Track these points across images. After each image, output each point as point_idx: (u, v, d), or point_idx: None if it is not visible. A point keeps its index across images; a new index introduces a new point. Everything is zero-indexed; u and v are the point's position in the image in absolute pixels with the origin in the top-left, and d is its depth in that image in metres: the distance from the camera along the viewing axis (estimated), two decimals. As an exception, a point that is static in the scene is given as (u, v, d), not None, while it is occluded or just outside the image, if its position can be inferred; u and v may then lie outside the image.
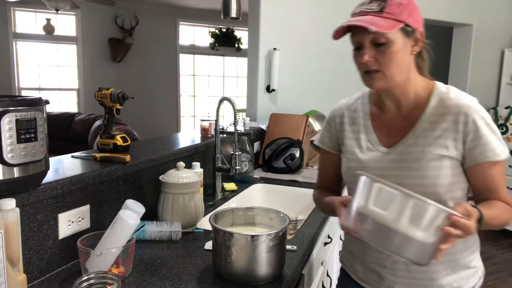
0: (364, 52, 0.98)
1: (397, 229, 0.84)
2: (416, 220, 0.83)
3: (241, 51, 6.98)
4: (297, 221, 1.84)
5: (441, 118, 1.02)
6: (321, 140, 1.24)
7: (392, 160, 1.05)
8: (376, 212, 0.86)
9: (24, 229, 1.03)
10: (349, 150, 1.13)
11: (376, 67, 0.98)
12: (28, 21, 5.83)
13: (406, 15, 0.97)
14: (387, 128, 1.09)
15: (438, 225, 0.83)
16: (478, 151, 0.99)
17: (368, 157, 1.08)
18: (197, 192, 1.47)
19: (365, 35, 0.97)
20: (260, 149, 2.65)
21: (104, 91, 1.48)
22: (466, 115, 1.00)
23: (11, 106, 0.93)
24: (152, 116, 6.48)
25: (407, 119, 1.06)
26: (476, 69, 4.02)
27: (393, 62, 0.98)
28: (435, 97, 1.05)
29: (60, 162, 1.35)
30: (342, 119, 1.18)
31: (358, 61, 1.02)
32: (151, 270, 1.16)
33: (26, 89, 5.89)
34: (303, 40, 3.12)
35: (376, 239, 0.88)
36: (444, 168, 1.00)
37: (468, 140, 0.99)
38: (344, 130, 1.17)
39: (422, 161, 1.00)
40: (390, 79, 1.00)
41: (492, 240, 4.01)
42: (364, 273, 1.16)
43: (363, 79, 1.04)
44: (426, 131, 1.02)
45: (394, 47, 0.97)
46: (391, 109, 1.09)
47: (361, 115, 1.14)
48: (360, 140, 1.12)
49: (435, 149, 1.00)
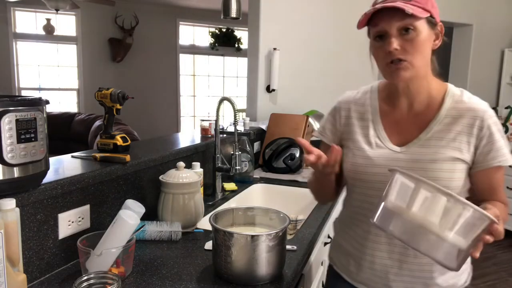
0: (392, 40, 0.94)
1: (431, 229, 0.81)
2: (453, 222, 0.80)
3: (241, 51, 6.98)
4: (297, 221, 1.84)
5: (455, 121, 1.01)
6: (322, 132, 1.20)
7: (404, 160, 1.02)
8: (410, 210, 0.83)
9: (24, 229, 1.03)
10: (357, 146, 1.09)
11: (403, 56, 0.95)
12: (28, 21, 5.84)
13: (430, 6, 0.96)
14: (397, 126, 1.07)
15: (476, 231, 0.80)
16: (490, 156, 1.00)
17: (377, 154, 1.05)
18: (197, 192, 1.47)
19: (392, 22, 0.94)
20: (260, 149, 2.65)
21: (104, 91, 1.48)
22: (482, 120, 1.00)
23: (11, 106, 0.93)
24: (152, 116, 6.48)
25: (419, 119, 1.04)
26: (476, 69, 4.02)
27: (420, 52, 0.96)
28: (449, 99, 1.04)
29: (60, 162, 1.35)
30: (349, 113, 1.14)
31: (382, 50, 0.97)
32: (151, 270, 1.16)
33: (26, 89, 5.90)
34: (303, 40, 3.12)
35: (407, 238, 0.84)
36: (457, 171, 1.00)
37: (481, 145, 1.00)
38: (351, 125, 1.12)
39: (437, 162, 0.99)
40: (416, 70, 0.97)
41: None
42: (359, 273, 1.13)
43: (385, 71, 1.00)
44: (440, 133, 1.01)
45: (422, 36, 0.95)
46: (403, 106, 1.07)
47: (370, 110, 1.11)
48: (369, 136, 1.08)
49: (449, 151, 0.99)
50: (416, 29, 0.94)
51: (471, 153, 1.01)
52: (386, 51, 0.96)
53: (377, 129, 1.08)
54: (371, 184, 1.05)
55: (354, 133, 1.10)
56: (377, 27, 0.97)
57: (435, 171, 0.99)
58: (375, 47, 1.00)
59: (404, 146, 1.04)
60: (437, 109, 1.04)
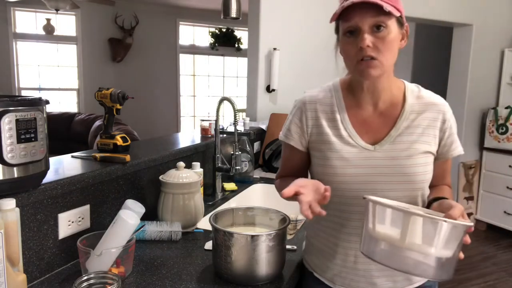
0: (365, 36, 0.93)
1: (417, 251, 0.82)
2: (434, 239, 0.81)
3: (241, 51, 6.98)
4: (297, 221, 1.84)
5: (419, 116, 1.04)
6: (287, 134, 1.14)
7: (381, 158, 1.02)
8: (386, 234, 0.85)
9: (24, 229, 1.03)
10: (331, 147, 1.05)
11: (374, 54, 0.94)
12: (28, 21, 5.83)
13: (399, 5, 0.97)
14: (365, 124, 1.05)
15: (458, 238, 0.82)
16: (452, 147, 1.07)
17: (352, 155, 1.02)
18: (197, 192, 1.47)
19: (366, 18, 0.93)
20: (260, 149, 2.65)
21: (104, 91, 1.48)
22: (444, 113, 1.05)
23: (11, 106, 0.93)
24: (152, 116, 6.48)
25: (385, 116, 1.05)
26: (476, 69, 4.02)
27: (390, 50, 0.96)
28: (410, 95, 1.06)
29: (60, 162, 1.35)
30: (316, 113, 1.09)
31: (353, 46, 0.95)
32: (151, 270, 1.16)
33: (26, 89, 5.89)
34: (303, 40, 3.12)
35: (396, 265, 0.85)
36: (429, 164, 1.04)
37: (445, 137, 1.05)
38: (320, 126, 1.07)
39: (412, 158, 1.01)
40: (385, 69, 0.97)
41: (492, 240, 4.01)
42: (339, 274, 1.09)
43: (355, 68, 0.98)
44: (409, 129, 1.03)
45: (392, 34, 0.95)
46: (368, 105, 1.06)
47: (337, 110, 1.07)
48: (342, 136, 1.04)
49: (420, 145, 1.02)
50: (388, 27, 0.94)
51: (437, 145, 1.05)
52: (357, 48, 0.94)
53: (347, 129, 1.05)
54: (348, 186, 1.02)
55: (326, 135, 1.06)
56: (349, 22, 0.95)
57: (411, 166, 1.01)
58: (345, 43, 0.98)
59: (377, 144, 1.03)
60: (401, 106, 1.05)
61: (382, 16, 0.93)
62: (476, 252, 3.75)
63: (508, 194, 3.98)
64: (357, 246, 1.02)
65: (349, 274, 1.08)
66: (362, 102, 1.06)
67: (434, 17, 3.66)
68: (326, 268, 1.12)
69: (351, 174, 1.02)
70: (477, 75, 4.04)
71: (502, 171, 4.02)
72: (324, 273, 1.14)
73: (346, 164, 1.02)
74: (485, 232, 4.21)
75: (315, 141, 1.09)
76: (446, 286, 3.12)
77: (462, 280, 3.22)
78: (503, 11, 4.08)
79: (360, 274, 1.07)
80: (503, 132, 3.97)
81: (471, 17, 3.88)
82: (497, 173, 4.06)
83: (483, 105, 4.19)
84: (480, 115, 4.20)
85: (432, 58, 4.88)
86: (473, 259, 3.59)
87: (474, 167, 4.22)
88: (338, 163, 1.03)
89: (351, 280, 1.08)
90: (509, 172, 3.94)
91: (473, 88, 4.05)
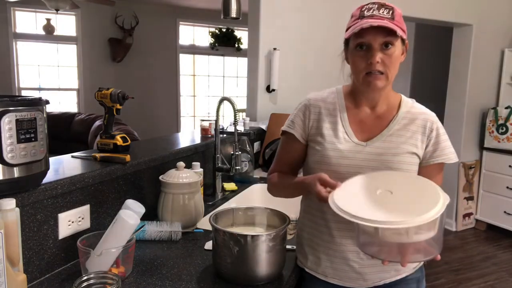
0: (376, 53, 1.06)
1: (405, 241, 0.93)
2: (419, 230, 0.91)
3: (241, 51, 6.98)
4: (297, 221, 1.84)
5: (411, 122, 1.17)
6: (290, 125, 1.26)
7: (370, 153, 1.14)
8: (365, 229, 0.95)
9: (24, 229, 1.03)
10: (328, 140, 1.17)
11: (382, 69, 1.07)
12: (28, 21, 5.83)
13: (404, 25, 1.10)
14: (361, 124, 1.18)
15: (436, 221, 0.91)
16: (436, 154, 1.17)
17: (346, 147, 1.15)
18: (197, 192, 1.47)
19: (378, 37, 1.05)
20: (260, 149, 2.65)
21: (104, 91, 1.48)
22: (432, 122, 1.18)
23: (11, 106, 0.93)
24: (152, 116, 6.48)
25: (380, 119, 1.18)
26: (476, 69, 4.02)
27: (395, 65, 1.10)
28: (404, 105, 1.20)
29: (60, 162, 1.35)
30: (319, 110, 1.22)
31: (364, 60, 1.08)
32: (151, 270, 1.16)
33: (26, 89, 5.89)
34: (303, 40, 3.12)
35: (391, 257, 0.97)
36: (414, 164, 1.16)
37: (430, 143, 1.17)
38: (321, 121, 1.20)
39: (398, 155, 1.13)
40: (389, 82, 1.11)
41: (492, 240, 4.01)
42: (333, 268, 1.17)
43: (362, 79, 1.10)
44: (399, 131, 1.16)
45: (397, 51, 1.09)
46: (366, 108, 1.19)
47: (338, 108, 1.21)
48: (338, 131, 1.17)
49: (408, 146, 1.14)
50: (394, 45, 1.07)
51: (423, 150, 1.17)
52: (367, 62, 1.07)
53: (345, 125, 1.18)
54: (342, 175, 1.10)
55: (325, 128, 1.19)
56: (362, 38, 1.07)
57: (397, 163, 1.12)
58: (355, 55, 1.10)
59: (369, 141, 1.16)
60: (395, 112, 1.19)
61: (391, 36, 1.06)
62: (476, 252, 3.75)
63: (508, 194, 3.98)
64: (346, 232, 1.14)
65: (339, 265, 1.16)
66: (361, 106, 1.20)
67: (434, 17, 3.66)
68: (318, 260, 1.19)
69: (344, 164, 1.14)
70: (477, 75, 4.04)
71: (502, 171, 4.02)
72: (317, 267, 1.20)
73: (340, 156, 1.14)
74: (485, 232, 4.21)
75: (314, 134, 1.21)
76: (446, 286, 3.12)
77: (462, 280, 3.22)
78: (503, 11, 4.08)
79: (350, 264, 1.15)
80: (503, 132, 3.97)
81: (471, 17, 3.88)
82: (497, 173, 4.06)
83: (483, 105, 4.18)
84: (480, 115, 4.20)
85: (432, 58, 4.88)
86: (473, 259, 3.59)
87: (474, 167, 4.22)
88: (333, 154, 1.15)
89: (342, 271, 1.16)
90: (509, 172, 3.94)
91: (473, 88, 4.05)
